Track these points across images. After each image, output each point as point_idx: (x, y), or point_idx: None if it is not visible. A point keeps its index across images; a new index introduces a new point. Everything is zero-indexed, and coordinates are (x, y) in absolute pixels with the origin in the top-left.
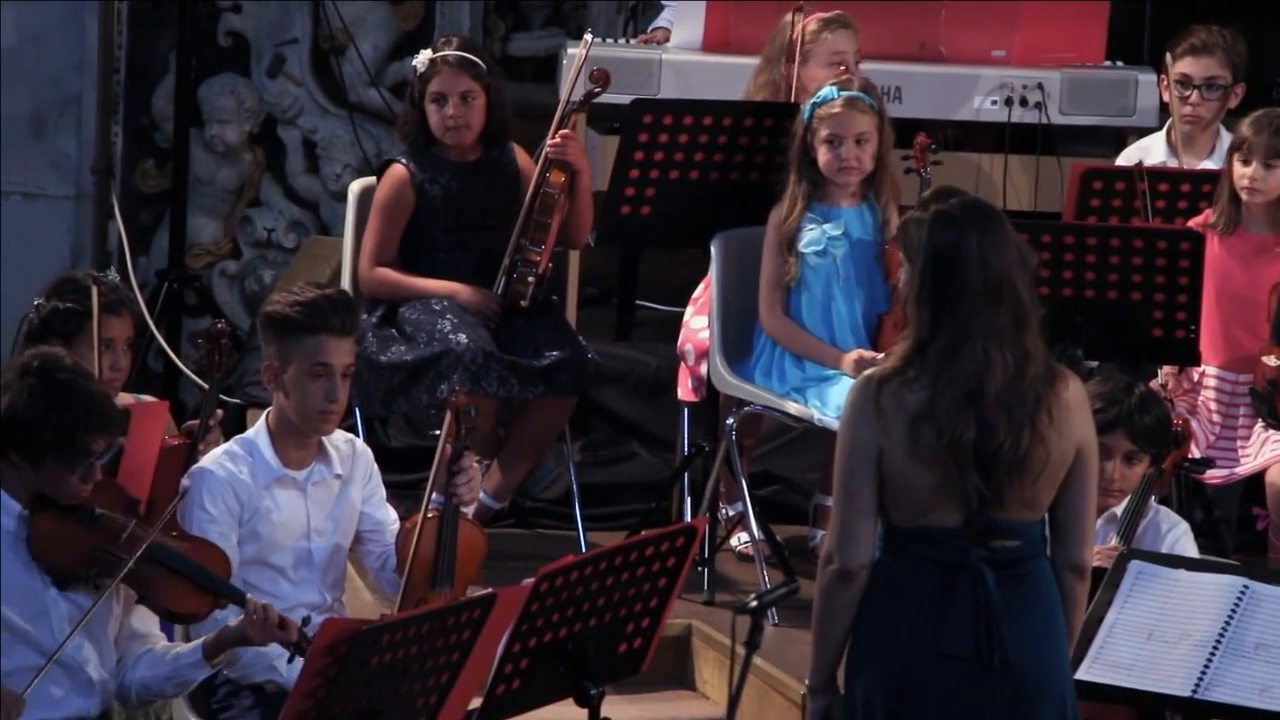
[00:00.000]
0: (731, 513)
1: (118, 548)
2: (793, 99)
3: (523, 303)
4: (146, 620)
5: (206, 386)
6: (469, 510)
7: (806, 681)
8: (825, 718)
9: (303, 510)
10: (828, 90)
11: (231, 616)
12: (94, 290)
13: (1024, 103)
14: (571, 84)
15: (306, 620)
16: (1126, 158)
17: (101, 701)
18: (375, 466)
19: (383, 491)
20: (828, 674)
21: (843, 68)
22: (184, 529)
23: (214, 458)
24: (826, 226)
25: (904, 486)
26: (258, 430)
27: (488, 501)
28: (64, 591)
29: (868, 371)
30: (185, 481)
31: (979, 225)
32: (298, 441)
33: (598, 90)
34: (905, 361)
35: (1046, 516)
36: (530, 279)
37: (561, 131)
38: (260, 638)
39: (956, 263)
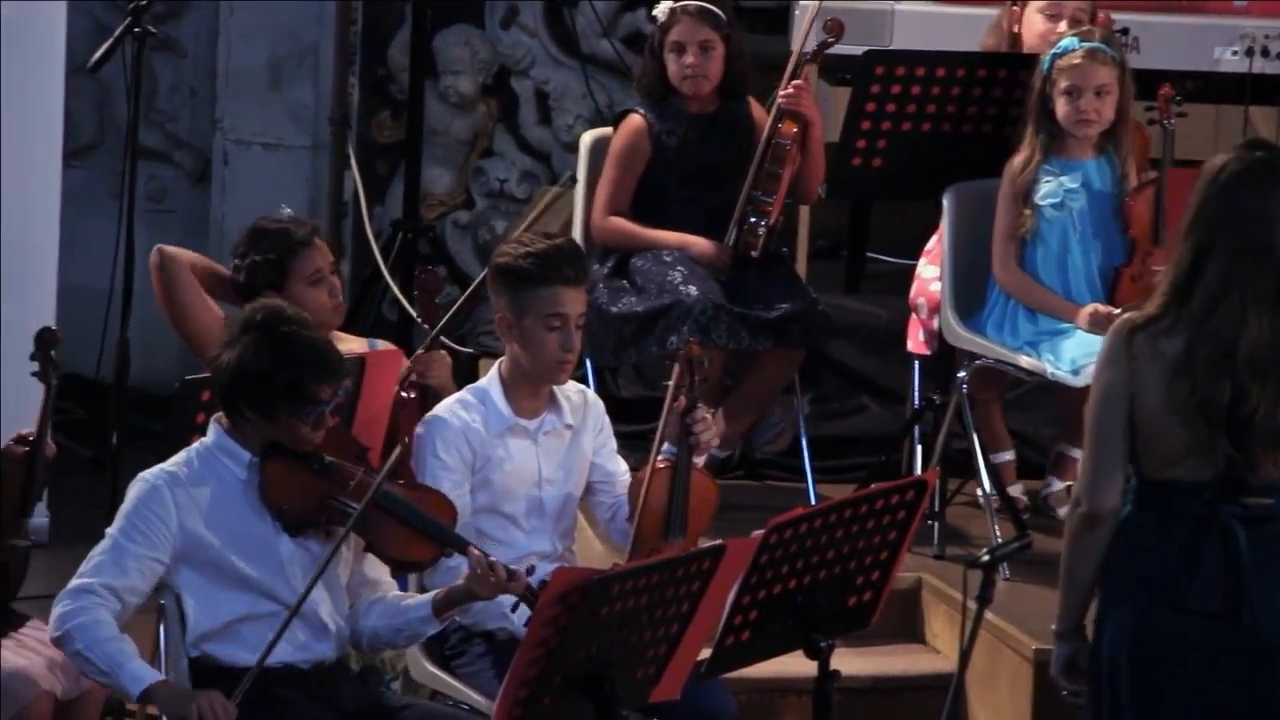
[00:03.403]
0: (1000, 461)
1: (347, 495)
2: (1015, 47)
3: (753, 254)
4: (377, 567)
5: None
6: (699, 460)
7: (1054, 626)
8: (1070, 664)
9: (534, 459)
10: (1068, 41)
11: (464, 566)
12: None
13: (1265, 53)
14: (805, 35)
15: (531, 569)
16: None
17: (337, 646)
18: (606, 417)
19: (614, 443)
20: (1073, 620)
21: (1064, 21)
22: (416, 477)
23: (447, 406)
24: (1064, 179)
25: (1153, 435)
26: (490, 379)
27: (713, 450)
28: (294, 538)
29: (1124, 316)
30: (419, 430)
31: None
32: (530, 391)
33: (831, 41)
34: (1162, 309)
35: None
36: (761, 230)
37: (794, 82)
38: (485, 591)
39: (1236, 215)
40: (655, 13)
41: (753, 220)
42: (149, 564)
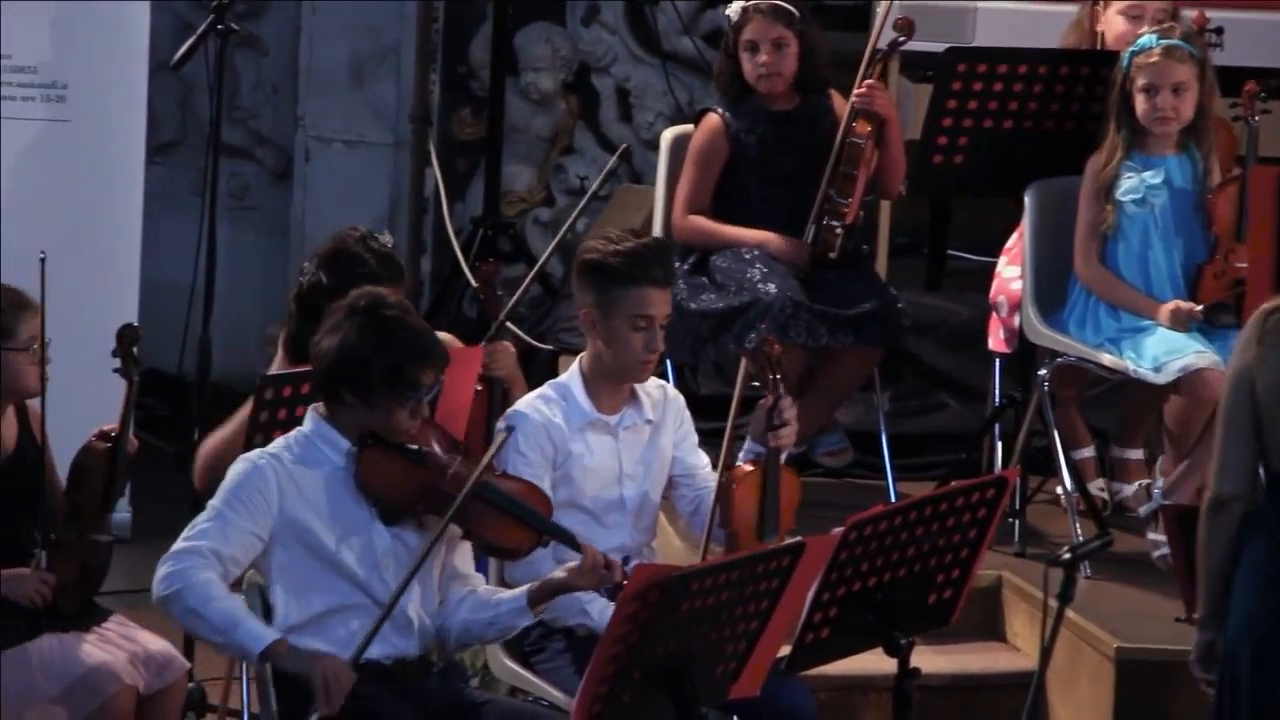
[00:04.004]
0: (1080, 458)
1: (444, 484)
2: (1094, 46)
3: (831, 254)
4: (467, 561)
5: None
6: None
7: (1195, 614)
8: (1208, 652)
9: (614, 455)
10: (1146, 38)
11: (544, 561)
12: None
13: None
14: (877, 33)
15: (626, 560)
16: None
17: (420, 643)
18: (687, 412)
19: (694, 437)
20: (1210, 608)
21: (1145, 23)
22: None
23: (528, 401)
24: (1146, 175)
25: (1271, 421)
26: (571, 375)
27: None
28: (390, 527)
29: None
30: (500, 424)
31: None
32: (612, 387)
33: (902, 39)
34: None
35: None
36: (839, 230)
37: (867, 81)
38: (589, 582)
39: None
40: (728, 12)
41: (829, 222)
42: (250, 538)
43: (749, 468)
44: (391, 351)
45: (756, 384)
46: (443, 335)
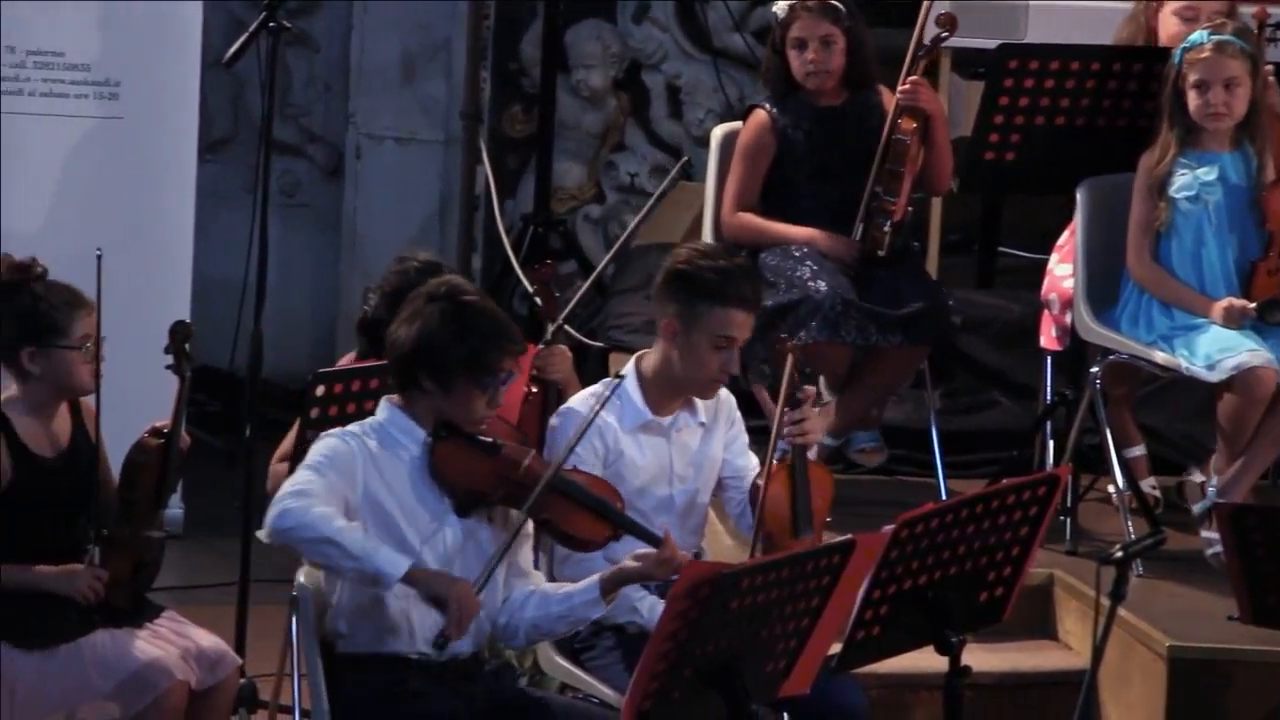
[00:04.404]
0: (1130, 456)
1: (520, 476)
2: (1150, 43)
3: (880, 252)
4: (528, 558)
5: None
6: (811, 454)
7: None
8: None
9: (666, 456)
10: (1198, 34)
11: (595, 559)
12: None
13: None
14: (920, 29)
15: (698, 555)
16: None
17: (474, 641)
18: (738, 414)
19: (745, 438)
20: None
21: (1200, 21)
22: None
23: (582, 399)
24: (1199, 171)
25: None
26: (627, 373)
27: (826, 440)
28: (464, 519)
29: None
30: (553, 420)
31: None
32: (672, 393)
33: (945, 35)
34: None
35: None
36: (887, 228)
37: (911, 78)
38: (665, 573)
39: None
40: (775, 9)
41: (878, 218)
42: (340, 500)
43: (775, 468)
44: (472, 337)
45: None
46: None
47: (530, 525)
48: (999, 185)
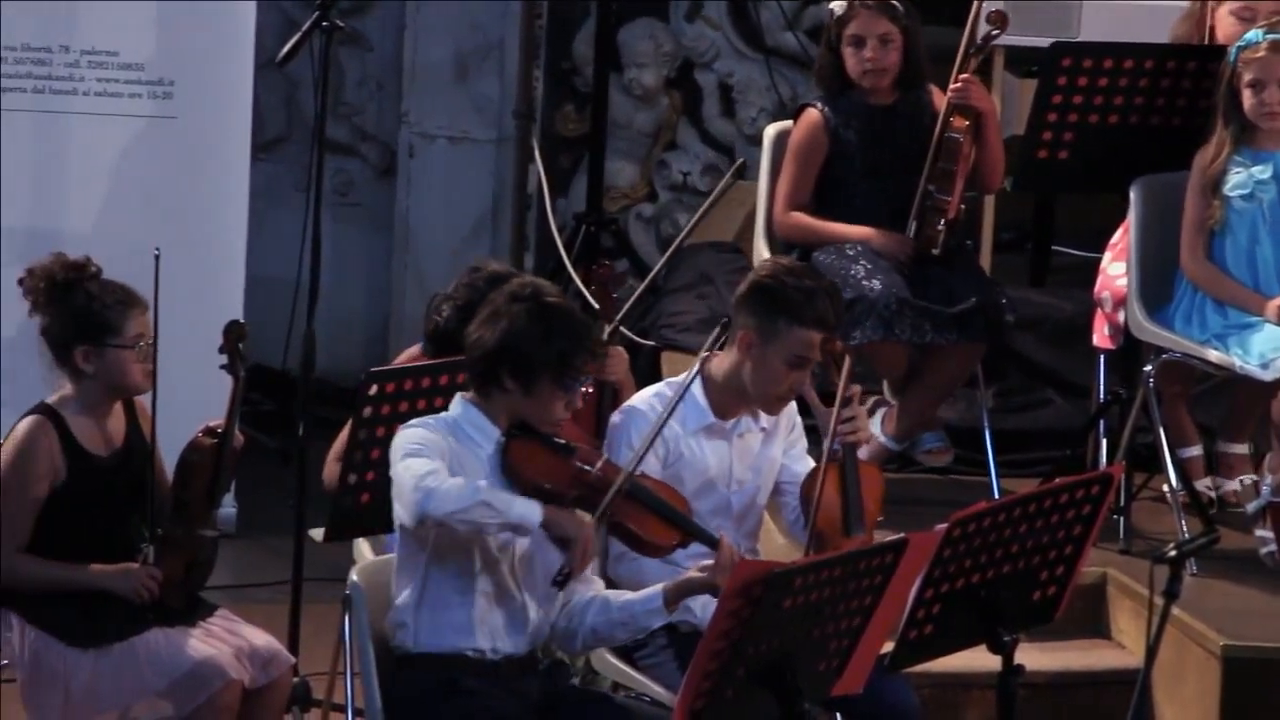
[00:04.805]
0: (1186, 455)
1: (592, 478)
2: (1206, 41)
3: (934, 250)
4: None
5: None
6: (863, 453)
7: None
8: None
9: (726, 459)
10: (1253, 33)
11: (645, 562)
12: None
13: None
14: (971, 26)
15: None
16: None
17: (530, 642)
18: (799, 419)
19: (804, 443)
20: None
21: (1257, 22)
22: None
23: (644, 398)
24: (1254, 170)
25: None
26: (692, 375)
27: (887, 443)
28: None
29: None
30: (615, 419)
31: None
32: (737, 400)
33: (995, 32)
34: None
35: None
36: (940, 226)
37: (962, 75)
38: (725, 581)
39: None
40: (832, 6)
41: (931, 216)
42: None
43: (827, 466)
44: (558, 338)
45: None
46: None
47: None
48: (1052, 184)
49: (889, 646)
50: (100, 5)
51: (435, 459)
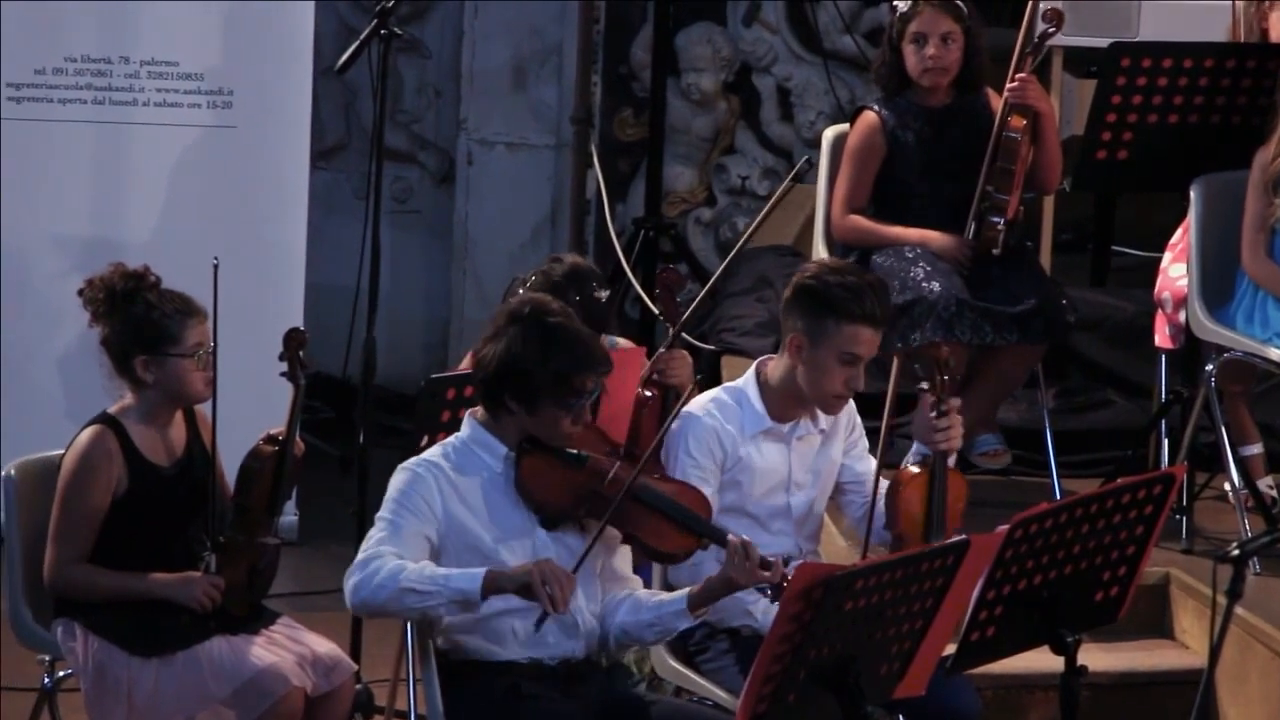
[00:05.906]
0: (1247, 454)
1: (604, 488)
2: (1258, 39)
3: (994, 250)
4: (626, 563)
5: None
6: (951, 460)
7: None
8: None
9: (785, 463)
10: None
11: (707, 562)
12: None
13: None
14: (1027, 24)
15: (788, 560)
16: None
17: (586, 644)
18: (858, 419)
19: (864, 443)
20: None
21: None
22: (667, 472)
23: (701, 404)
24: None
25: None
26: (747, 381)
27: None
28: (551, 532)
29: None
30: (674, 425)
31: None
32: (794, 403)
33: (1052, 31)
34: None
35: None
36: (999, 226)
37: (1019, 75)
38: (743, 579)
39: None
40: (896, 2)
41: (990, 217)
42: (421, 540)
43: (915, 470)
44: (557, 358)
45: (922, 383)
46: (619, 340)
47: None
48: (1112, 184)
49: (951, 648)
50: (161, 16)
51: (401, 519)
